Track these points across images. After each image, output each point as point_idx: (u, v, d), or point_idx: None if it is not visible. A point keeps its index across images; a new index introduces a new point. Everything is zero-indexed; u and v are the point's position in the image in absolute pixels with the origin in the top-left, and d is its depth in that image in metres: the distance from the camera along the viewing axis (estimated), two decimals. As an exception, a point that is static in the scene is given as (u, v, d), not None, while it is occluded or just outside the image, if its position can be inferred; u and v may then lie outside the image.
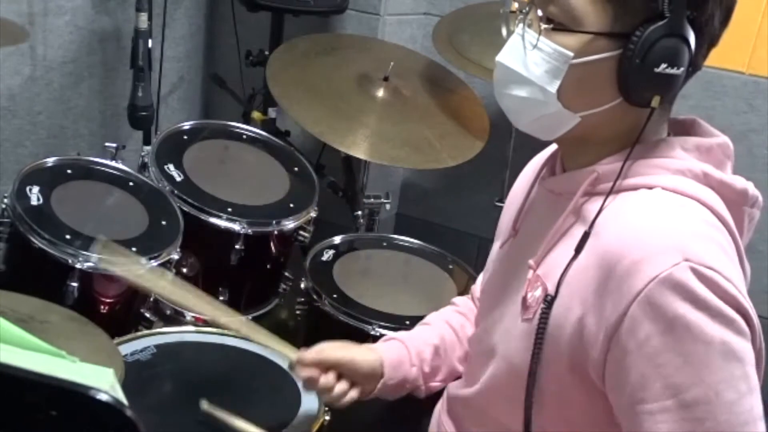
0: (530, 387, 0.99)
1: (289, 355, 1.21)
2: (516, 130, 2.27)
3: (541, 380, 0.99)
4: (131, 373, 1.28)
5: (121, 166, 1.81)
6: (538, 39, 0.96)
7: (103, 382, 0.72)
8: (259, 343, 1.25)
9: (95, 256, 1.52)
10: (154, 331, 1.48)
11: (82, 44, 2.28)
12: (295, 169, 2.03)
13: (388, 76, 2.15)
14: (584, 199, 1.00)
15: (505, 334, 1.07)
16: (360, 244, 2.03)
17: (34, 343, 0.86)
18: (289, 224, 1.90)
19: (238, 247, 1.81)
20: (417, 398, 1.28)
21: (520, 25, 0.99)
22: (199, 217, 1.80)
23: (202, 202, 1.82)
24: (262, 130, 2.14)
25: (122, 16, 2.33)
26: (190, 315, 1.86)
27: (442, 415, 1.24)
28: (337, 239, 1.98)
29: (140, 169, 1.88)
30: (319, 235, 1.97)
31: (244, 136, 2.09)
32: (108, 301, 1.61)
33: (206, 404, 1.21)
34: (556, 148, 1.11)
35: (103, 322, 1.36)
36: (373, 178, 2.44)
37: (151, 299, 1.71)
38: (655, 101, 0.94)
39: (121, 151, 1.83)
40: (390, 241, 2.05)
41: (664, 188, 0.95)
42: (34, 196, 1.61)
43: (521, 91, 0.99)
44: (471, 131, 2.16)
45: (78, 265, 1.53)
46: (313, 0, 2.36)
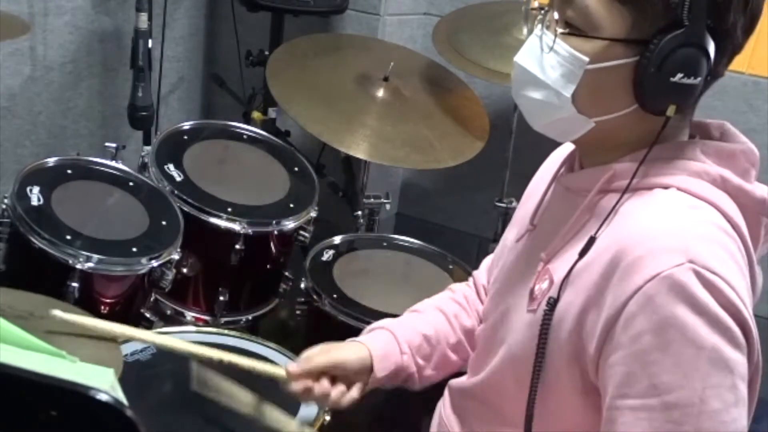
0: (534, 380, 0.99)
1: (277, 373, 1.17)
2: (516, 130, 2.27)
3: (543, 373, 0.99)
4: (131, 373, 1.28)
5: (121, 166, 1.80)
6: (554, 41, 0.95)
7: (103, 382, 0.72)
8: (246, 368, 1.18)
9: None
10: (154, 331, 1.47)
11: (82, 44, 2.28)
12: (295, 169, 2.03)
13: (388, 76, 2.15)
14: (599, 197, 1.00)
15: (512, 324, 1.07)
16: (360, 244, 2.03)
17: (35, 343, 0.86)
18: (289, 224, 1.89)
19: (238, 247, 1.81)
20: (417, 398, 1.27)
21: (539, 26, 0.98)
22: (200, 217, 1.80)
23: (203, 202, 1.81)
24: (262, 130, 2.14)
25: (122, 16, 2.33)
26: (190, 315, 1.87)
27: (445, 411, 1.24)
28: (337, 239, 1.98)
29: (140, 169, 1.88)
30: (319, 235, 1.97)
31: (244, 136, 2.08)
32: (108, 301, 1.62)
33: (196, 384, 1.17)
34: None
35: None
36: (373, 178, 2.44)
37: (151, 299, 1.71)
38: (671, 110, 0.93)
39: (121, 151, 1.83)
40: (390, 241, 2.05)
41: (679, 189, 0.95)
42: (35, 196, 1.61)
43: (537, 94, 0.98)
44: (471, 131, 2.16)
45: (78, 266, 1.53)
46: (313, 0, 2.36)
